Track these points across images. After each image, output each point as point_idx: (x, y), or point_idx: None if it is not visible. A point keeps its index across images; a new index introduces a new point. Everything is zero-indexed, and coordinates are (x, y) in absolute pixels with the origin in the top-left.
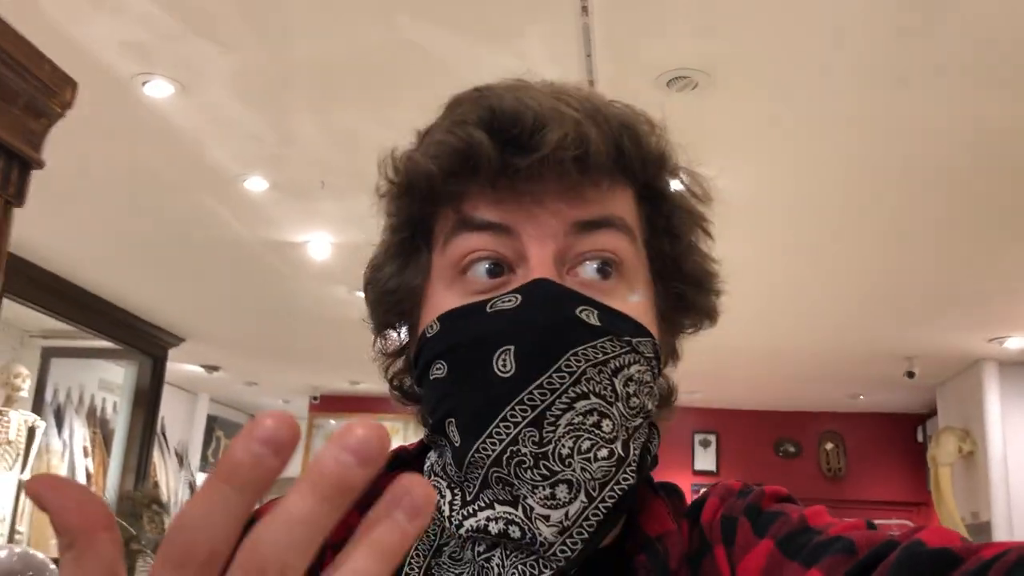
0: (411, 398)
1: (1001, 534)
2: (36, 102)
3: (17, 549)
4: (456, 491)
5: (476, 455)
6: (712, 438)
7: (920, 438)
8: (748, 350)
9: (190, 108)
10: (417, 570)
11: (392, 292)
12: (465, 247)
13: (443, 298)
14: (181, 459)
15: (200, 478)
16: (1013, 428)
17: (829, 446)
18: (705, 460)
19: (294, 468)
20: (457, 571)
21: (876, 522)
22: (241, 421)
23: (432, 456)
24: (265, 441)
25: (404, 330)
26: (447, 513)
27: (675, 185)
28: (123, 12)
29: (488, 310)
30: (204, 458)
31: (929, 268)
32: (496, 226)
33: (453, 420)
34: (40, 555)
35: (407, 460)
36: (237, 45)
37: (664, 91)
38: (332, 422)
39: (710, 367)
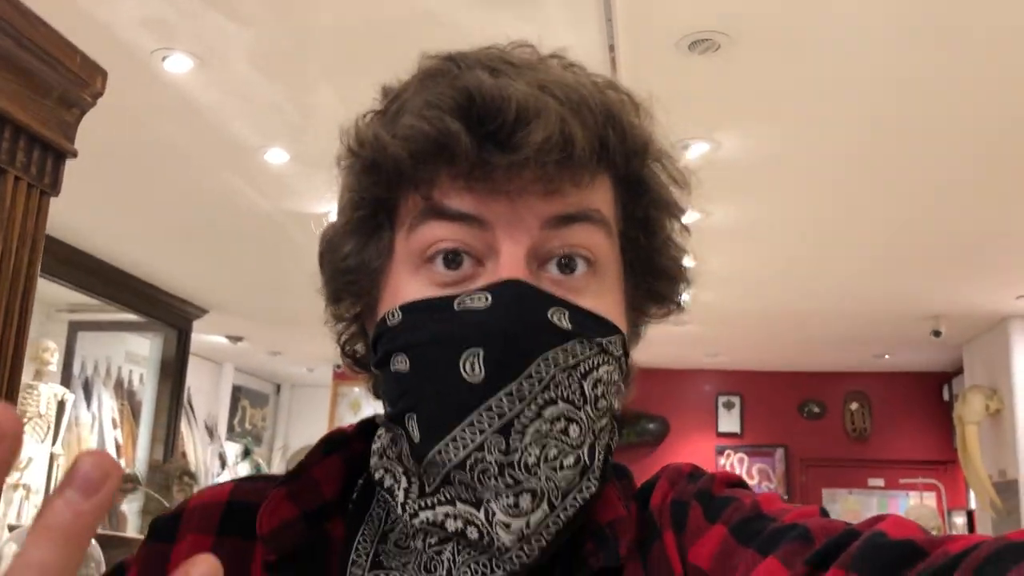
0: (363, 366)
1: None
2: (69, 94)
3: None
4: (414, 479)
5: (437, 456)
6: (736, 400)
7: (946, 397)
8: (772, 312)
9: (209, 82)
10: (364, 557)
11: (350, 271)
12: (433, 236)
13: (406, 284)
14: (211, 432)
15: (228, 448)
16: None
17: (854, 406)
18: (729, 422)
19: None
20: (403, 560)
21: (902, 481)
22: (266, 391)
23: (384, 439)
24: (81, 487)
25: (359, 300)
26: (401, 499)
27: (656, 171)
28: None
29: (456, 307)
30: (231, 428)
31: (955, 227)
32: (468, 217)
33: (414, 416)
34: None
35: (342, 442)
36: (255, 18)
37: (686, 54)
38: (356, 390)
39: (734, 329)
